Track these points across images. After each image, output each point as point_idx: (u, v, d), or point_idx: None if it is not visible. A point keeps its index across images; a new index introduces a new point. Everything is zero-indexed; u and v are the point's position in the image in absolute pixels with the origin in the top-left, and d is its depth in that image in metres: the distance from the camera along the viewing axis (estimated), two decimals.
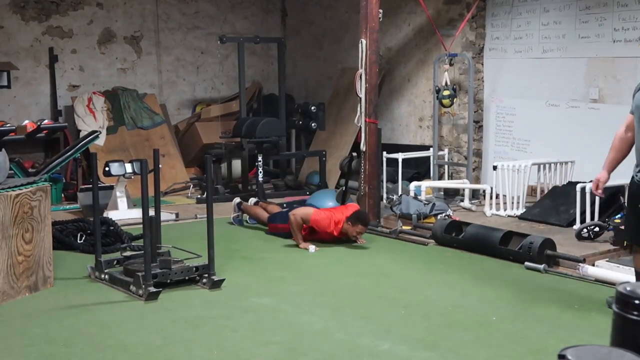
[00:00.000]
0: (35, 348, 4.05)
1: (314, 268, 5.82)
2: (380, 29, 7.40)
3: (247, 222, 7.38)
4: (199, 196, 8.85)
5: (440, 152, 8.73)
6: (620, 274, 5.24)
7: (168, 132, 10.02)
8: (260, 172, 8.58)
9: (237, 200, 7.46)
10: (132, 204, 7.69)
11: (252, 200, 7.56)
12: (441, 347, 4.05)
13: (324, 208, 6.73)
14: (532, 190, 7.89)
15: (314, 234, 6.53)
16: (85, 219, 6.70)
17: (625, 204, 5.01)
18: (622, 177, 5.18)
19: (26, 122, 7.58)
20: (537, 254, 5.65)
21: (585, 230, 6.16)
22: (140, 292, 4.90)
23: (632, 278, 4.68)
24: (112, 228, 6.37)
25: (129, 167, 7.54)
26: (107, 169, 7.48)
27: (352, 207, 6.62)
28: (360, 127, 7.26)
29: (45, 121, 6.76)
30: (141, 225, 5.08)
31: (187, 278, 5.20)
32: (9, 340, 4.18)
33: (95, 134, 7.89)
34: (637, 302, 2.74)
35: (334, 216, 6.42)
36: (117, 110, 9.79)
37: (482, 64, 8.68)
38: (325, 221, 6.36)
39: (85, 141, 7.75)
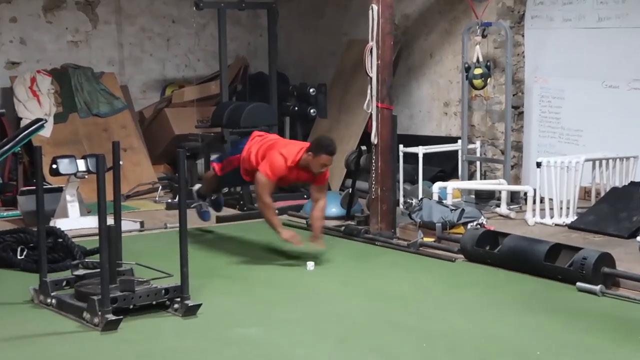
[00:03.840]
0: None
1: (312, 289, 5.82)
2: None
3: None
4: (169, 200, 8.84)
5: (471, 146, 8.72)
6: None
7: (131, 120, 10.01)
8: None
9: (196, 186, 7.42)
10: (85, 211, 7.68)
11: (196, 186, 7.53)
12: None
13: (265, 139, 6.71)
14: (585, 193, 7.88)
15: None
16: (27, 228, 6.69)
17: None
18: None
19: None
20: (592, 272, 5.64)
21: None
22: (96, 320, 4.90)
23: None
24: (60, 240, 6.36)
25: (81, 164, 7.53)
26: (54, 166, 7.47)
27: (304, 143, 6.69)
28: (371, 115, 7.25)
29: None
30: (97, 237, 5.07)
31: (154, 303, 5.19)
32: None
33: (40, 123, 7.86)
34: None
35: (283, 152, 6.43)
36: (68, 93, 9.77)
37: (523, 36, 8.67)
38: (279, 164, 6.38)
39: (27, 132, 7.72)
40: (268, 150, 6.51)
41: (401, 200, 8.21)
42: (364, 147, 7.87)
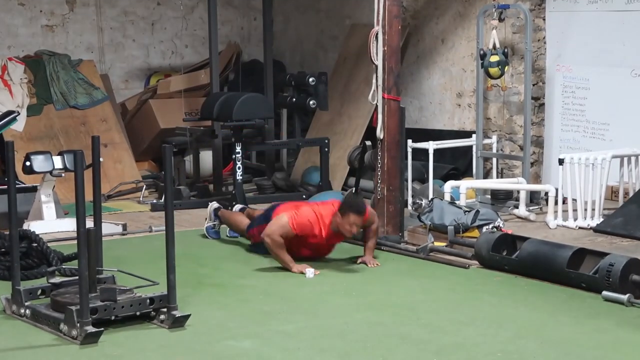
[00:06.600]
0: None
1: (312, 299, 5.83)
2: None
3: (227, 235, 7.40)
4: (154, 201, 8.86)
5: (487, 141, 8.73)
6: None
7: (112, 112, 10.01)
8: (239, 168, 8.58)
9: (215, 205, 7.46)
10: (62, 212, 7.69)
11: (237, 206, 7.55)
12: None
13: (296, 202, 6.73)
14: (612, 193, 7.88)
15: (301, 247, 6.53)
16: None
17: None
18: None
19: None
20: (619, 280, 5.65)
21: None
22: (74, 332, 4.91)
23: None
24: (35, 245, 6.37)
25: (58, 161, 7.52)
26: (28, 163, 7.47)
27: (337, 202, 6.61)
28: (377, 106, 7.27)
29: None
30: (75, 242, 5.08)
31: (138, 313, 5.20)
32: None
33: (13, 116, 7.89)
34: None
35: (316, 210, 6.46)
36: (42, 82, 9.78)
37: (544, 19, 8.68)
38: (307, 220, 6.37)
39: None
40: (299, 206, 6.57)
41: (410, 200, 8.21)
42: (368, 143, 7.89)
